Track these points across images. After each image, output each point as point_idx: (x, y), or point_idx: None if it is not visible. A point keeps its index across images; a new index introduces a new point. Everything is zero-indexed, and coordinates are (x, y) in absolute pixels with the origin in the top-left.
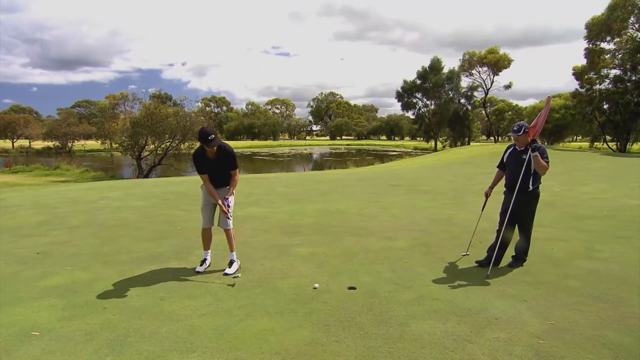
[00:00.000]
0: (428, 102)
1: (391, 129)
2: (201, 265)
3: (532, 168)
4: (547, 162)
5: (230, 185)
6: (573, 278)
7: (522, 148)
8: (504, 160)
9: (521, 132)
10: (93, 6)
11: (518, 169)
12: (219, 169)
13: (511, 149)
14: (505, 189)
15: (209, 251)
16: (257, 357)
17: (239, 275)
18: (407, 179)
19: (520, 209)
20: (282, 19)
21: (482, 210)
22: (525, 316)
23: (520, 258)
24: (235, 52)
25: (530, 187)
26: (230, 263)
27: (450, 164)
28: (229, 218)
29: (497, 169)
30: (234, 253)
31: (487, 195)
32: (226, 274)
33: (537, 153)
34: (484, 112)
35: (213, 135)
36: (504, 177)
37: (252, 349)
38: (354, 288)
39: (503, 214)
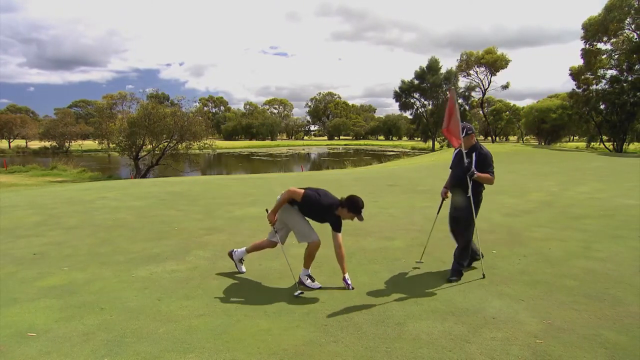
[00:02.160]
0: (426, 102)
1: (389, 129)
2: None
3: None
4: (491, 172)
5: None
6: (570, 277)
7: (467, 150)
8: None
9: (464, 134)
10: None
11: (459, 172)
12: None
13: (457, 150)
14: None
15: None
16: (254, 358)
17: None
18: (405, 179)
19: (457, 212)
20: (279, 18)
21: (438, 214)
22: (523, 316)
23: (456, 269)
24: (233, 52)
25: (469, 192)
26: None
27: (448, 164)
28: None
29: (450, 169)
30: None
31: (443, 196)
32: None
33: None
34: (481, 112)
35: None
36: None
37: (249, 349)
38: (352, 288)
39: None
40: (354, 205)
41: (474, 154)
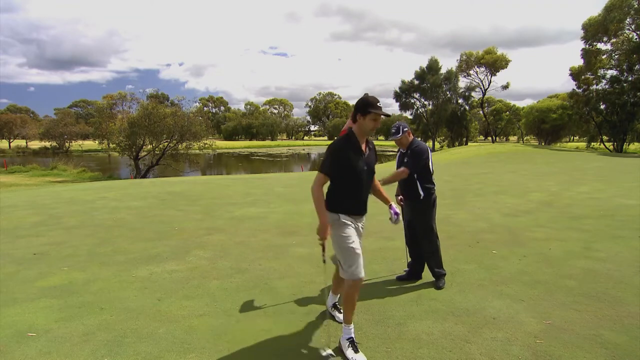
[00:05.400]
0: (426, 103)
1: (389, 129)
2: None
3: (415, 172)
4: (410, 165)
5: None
6: (570, 278)
7: (405, 150)
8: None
9: (400, 134)
10: (89, 6)
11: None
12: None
13: (400, 152)
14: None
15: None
16: (254, 358)
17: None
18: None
19: (415, 218)
20: (279, 19)
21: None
22: (523, 316)
23: (437, 275)
24: (233, 52)
25: (421, 194)
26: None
27: (448, 164)
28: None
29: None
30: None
31: (400, 203)
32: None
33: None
34: (481, 112)
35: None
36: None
37: (249, 349)
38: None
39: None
40: (363, 104)
41: (409, 152)
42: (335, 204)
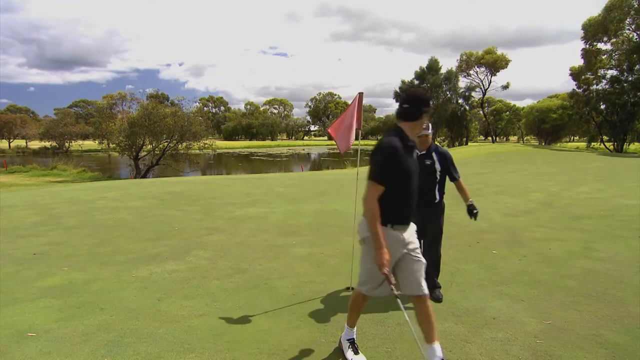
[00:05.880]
0: None
1: (389, 129)
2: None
3: (438, 175)
4: (455, 169)
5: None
6: (570, 278)
7: (424, 151)
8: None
9: (430, 130)
10: (89, 6)
11: (423, 178)
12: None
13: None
14: None
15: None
16: (254, 358)
17: None
18: None
19: (427, 223)
20: (278, 19)
21: None
22: (523, 316)
23: (436, 286)
24: (233, 52)
25: (437, 198)
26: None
27: None
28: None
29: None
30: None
31: None
32: None
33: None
34: (481, 112)
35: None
36: None
37: (249, 349)
38: (352, 288)
39: None
40: (420, 101)
41: (433, 154)
42: (387, 215)
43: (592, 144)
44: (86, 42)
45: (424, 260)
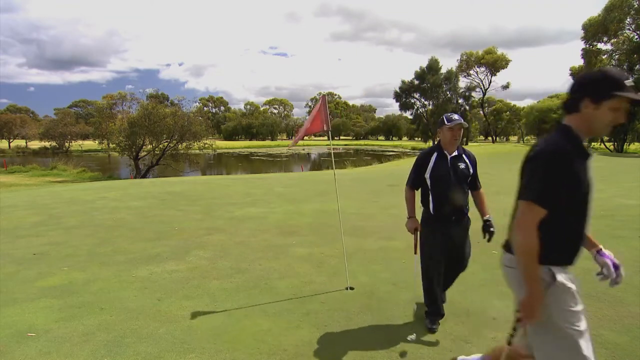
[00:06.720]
0: (426, 103)
1: (389, 129)
2: None
3: (468, 182)
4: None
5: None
6: None
7: (455, 153)
8: (429, 174)
9: (463, 124)
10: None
11: (458, 186)
12: None
13: (436, 155)
14: (430, 219)
15: None
16: (254, 358)
17: None
18: (405, 179)
19: (460, 250)
20: (278, 19)
21: (417, 253)
22: None
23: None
24: (233, 52)
25: (465, 212)
26: None
27: None
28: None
29: (410, 188)
30: None
31: (416, 231)
32: None
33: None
34: (481, 112)
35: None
36: (429, 200)
37: (249, 349)
38: (352, 288)
39: (438, 261)
40: (604, 83)
41: (464, 156)
42: (547, 252)
43: (592, 144)
44: (86, 42)
45: None
